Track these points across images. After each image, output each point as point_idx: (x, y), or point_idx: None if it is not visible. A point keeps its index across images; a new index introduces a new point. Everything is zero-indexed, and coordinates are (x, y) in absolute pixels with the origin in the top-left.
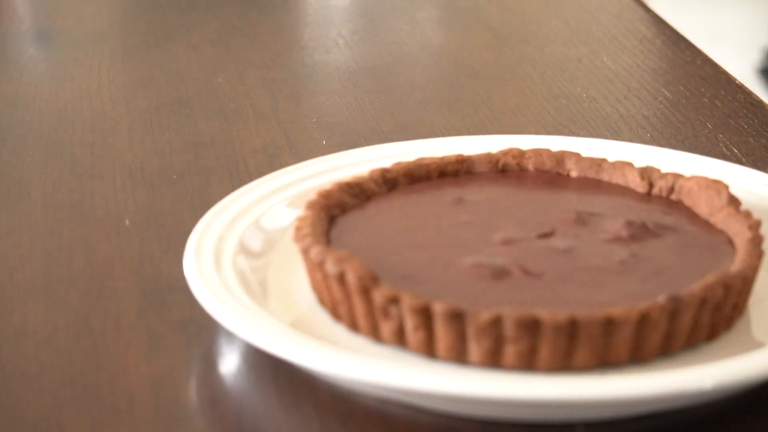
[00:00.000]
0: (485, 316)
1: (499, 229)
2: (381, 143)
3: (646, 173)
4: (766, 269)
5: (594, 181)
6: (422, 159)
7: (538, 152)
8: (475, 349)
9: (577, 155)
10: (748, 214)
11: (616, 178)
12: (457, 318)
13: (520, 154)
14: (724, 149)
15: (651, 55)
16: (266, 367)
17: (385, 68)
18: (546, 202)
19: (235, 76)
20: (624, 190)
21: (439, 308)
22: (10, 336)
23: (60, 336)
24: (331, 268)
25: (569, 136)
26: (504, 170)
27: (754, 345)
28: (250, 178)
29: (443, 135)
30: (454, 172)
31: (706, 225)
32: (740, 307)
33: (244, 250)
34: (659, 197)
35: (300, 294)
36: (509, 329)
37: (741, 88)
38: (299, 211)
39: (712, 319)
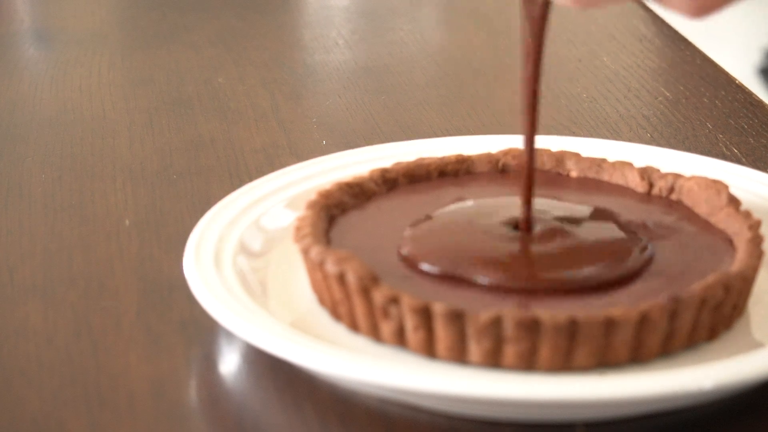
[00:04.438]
0: (485, 316)
1: None
2: (381, 143)
3: (646, 173)
4: (766, 269)
5: (594, 181)
6: (422, 159)
7: (538, 152)
8: (475, 349)
9: (577, 155)
10: (748, 214)
11: (616, 178)
12: (457, 318)
13: (521, 154)
14: (724, 149)
15: (651, 55)
16: (266, 367)
17: (385, 68)
18: None
19: (235, 76)
20: (624, 190)
21: (439, 308)
22: (10, 336)
23: (60, 336)
24: (331, 268)
25: (569, 136)
26: (504, 170)
27: (754, 345)
28: (250, 178)
29: (443, 135)
30: (454, 172)
31: (706, 225)
32: (740, 307)
33: (244, 250)
34: (659, 197)
35: (300, 294)
36: (509, 329)
37: (741, 88)
38: (299, 211)
39: (712, 319)
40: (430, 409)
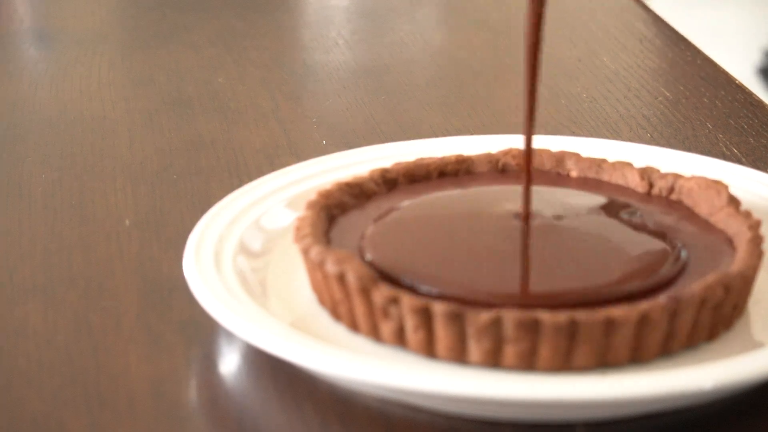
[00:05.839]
0: (485, 316)
1: None
2: (381, 143)
3: (646, 173)
4: (766, 269)
5: (594, 181)
6: (422, 159)
7: (538, 152)
8: (475, 349)
9: (577, 155)
10: (748, 214)
11: (616, 178)
12: (457, 318)
13: (520, 154)
14: (724, 149)
15: (651, 55)
16: (266, 367)
17: (385, 68)
18: None
19: (235, 76)
20: (624, 190)
21: (439, 308)
22: (10, 336)
23: (60, 336)
24: (331, 268)
25: (569, 136)
26: (504, 170)
27: (754, 345)
28: (250, 178)
29: (443, 135)
30: (454, 172)
31: (706, 225)
32: (740, 307)
33: (244, 250)
34: (659, 197)
35: (300, 294)
36: (509, 329)
37: (741, 88)
38: (299, 211)
39: (712, 319)
40: (430, 409)
